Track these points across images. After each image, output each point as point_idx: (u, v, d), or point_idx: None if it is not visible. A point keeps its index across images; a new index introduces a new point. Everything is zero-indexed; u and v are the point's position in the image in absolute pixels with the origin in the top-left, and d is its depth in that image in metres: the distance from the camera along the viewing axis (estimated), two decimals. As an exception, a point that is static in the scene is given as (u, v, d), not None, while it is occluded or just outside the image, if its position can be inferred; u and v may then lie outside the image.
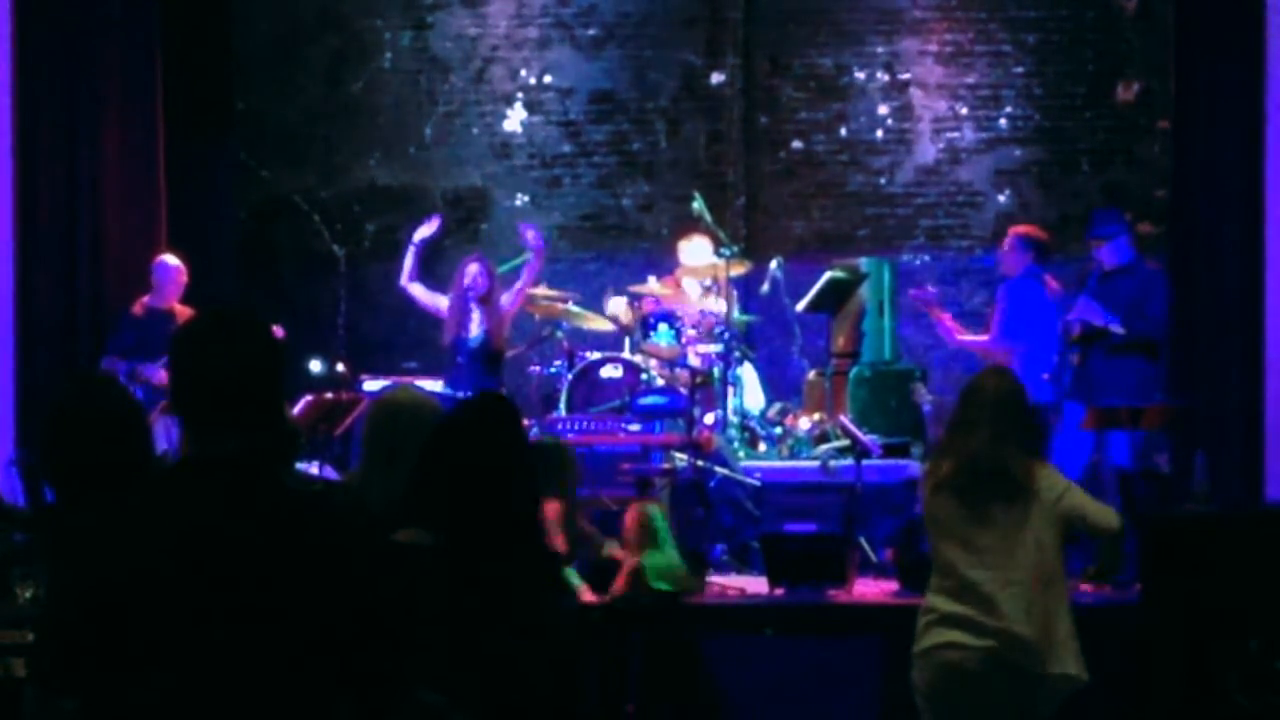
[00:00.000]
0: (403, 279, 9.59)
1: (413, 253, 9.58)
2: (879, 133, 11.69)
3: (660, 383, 9.50)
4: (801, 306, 10.00)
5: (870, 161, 11.70)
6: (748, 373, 9.90)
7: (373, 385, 9.35)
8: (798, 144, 11.76)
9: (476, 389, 8.65)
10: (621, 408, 9.38)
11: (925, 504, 5.16)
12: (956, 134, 11.61)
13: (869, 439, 8.69)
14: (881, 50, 11.66)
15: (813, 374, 10.12)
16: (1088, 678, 4.99)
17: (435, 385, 9.16)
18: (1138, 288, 8.12)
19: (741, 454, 9.16)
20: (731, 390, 9.48)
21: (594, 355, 9.75)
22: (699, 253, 10.11)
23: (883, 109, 11.68)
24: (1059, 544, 4.99)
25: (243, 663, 2.60)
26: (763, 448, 9.43)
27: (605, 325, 10.11)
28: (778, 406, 9.90)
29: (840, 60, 11.71)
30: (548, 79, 11.86)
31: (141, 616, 2.59)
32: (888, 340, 10.04)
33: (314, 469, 7.86)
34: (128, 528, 2.66)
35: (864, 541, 7.91)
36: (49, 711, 2.63)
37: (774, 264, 10.07)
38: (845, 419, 9.01)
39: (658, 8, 11.80)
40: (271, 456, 2.76)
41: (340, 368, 9.68)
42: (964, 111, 11.59)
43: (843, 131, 11.72)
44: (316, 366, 9.80)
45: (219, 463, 2.70)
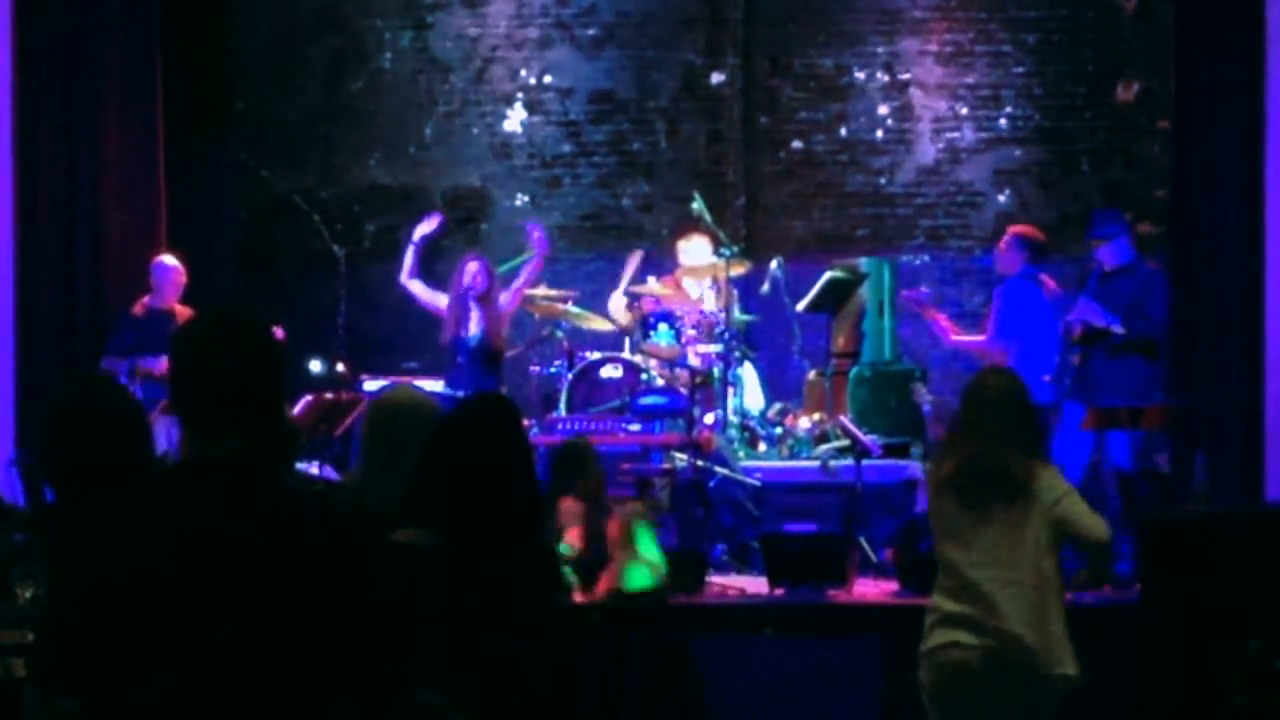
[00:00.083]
0: (403, 276, 9.60)
1: (413, 250, 9.59)
2: (879, 133, 11.69)
3: (660, 383, 9.50)
4: (801, 306, 9.99)
5: (870, 161, 11.69)
6: (748, 373, 9.90)
7: (373, 385, 9.35)
8: (798, 144, 11.76)
9: (476, 388, 8.66)
10: (621, 408, 9.38)
11: (928, 504, 5.19)
12: (956, 134, 11.61)
13: (869, 439, 8.69)
14: (881, 50, 11.66)
15: (813, 374, 10.11)
16: (1083, 678, 4.99)
17: (435, 385, 9.16)
18: (1138, 288, 8.12)
19: (741, 454, 9.16)
20: (731, 390, 9.48)
21: (594, 355, 9.75)
22: (699, 253, 10.11)
23: (883, 109, 11.68)
24: (1054, 545, 5.00)
25: (243, 663, 2.61)
26: (763, 448, 9.43)
27: (605, 325, 10.12)
28: (778, 406, 9.90)
29: (840, 60, 11.70)
30: (548, 79, 11.86)
31: (141, 616, 2.59)
32: (888, 340, 10.04)
33: (314, 469, 7.86)
34: (128, 528, 2.66)
35: (864, 541, 7.90)
36: (49, 711, 2.63)
37: (774, 264, 10.06)
38: (845, 419, 9.01)
39: (658, 8, 11.80)
40: (271, 456, 2.76)
41: (340, 368, 9.69)
42: (964, 111, 11.59)
43: (843, 131, 11.72)
44: (316, 366, 9.81)
45: (219, 463, 2.70)
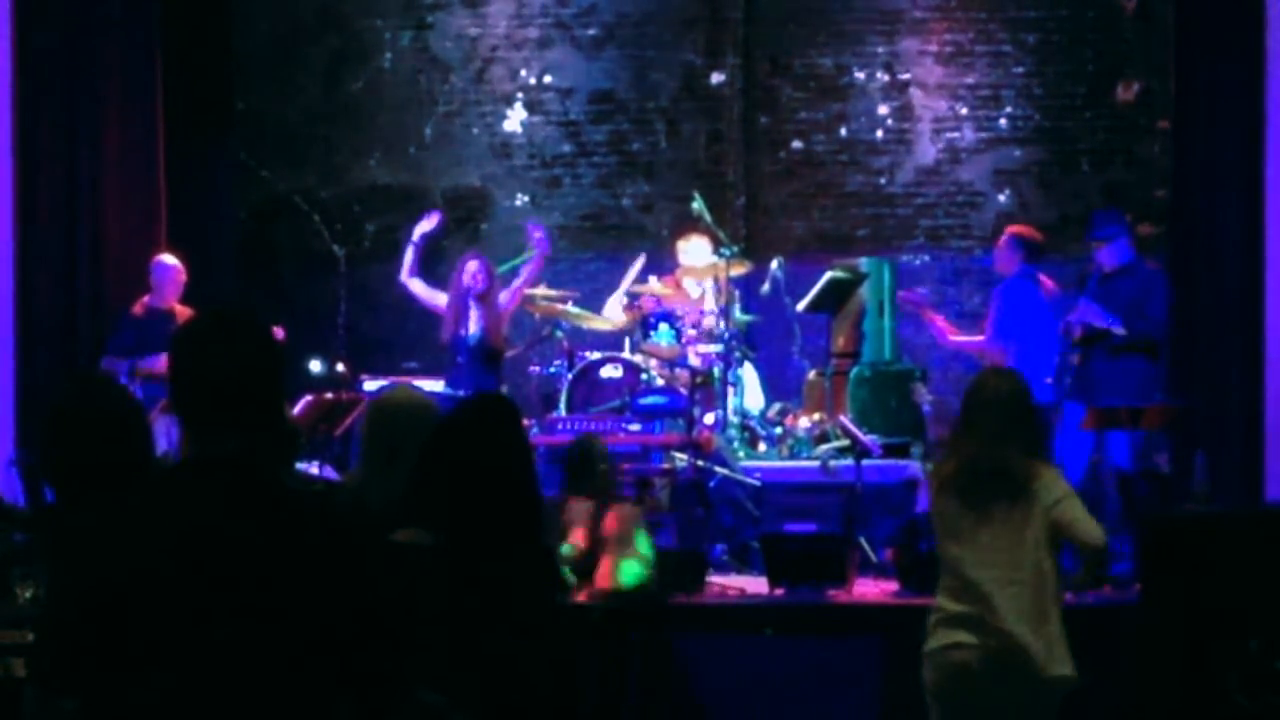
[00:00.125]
0: (403, 274, 9.60)
1: (413, 249, 9.59)
2: (879, 133, 11.69)
3: (660, 383, 9.50)
4: (801, 306, 9.99)
5: (870, 161, 11.69)
6: (748, 373, 9.90)
7: (373, 385, 9.35)
8: (798, 144, 11.75)
9: (476, 388, 8.66)
10: (621, 408, 9.38)
11: (931, 503, 5.20)
12: (956, 134, 11.60)
13: (869, 439, 8.69)
14: (881, 50, 11.66)
15: (813, 374, 10.11)
16: (1079, 678, 5.00)
17: (436, 385, 9.16)
18: (1138, 288, 8.11)
19: (741, 454, 9.16)
20: (731, 390, 9.48)
21: (594, 355, 9.75)
22: (699, 253, 10.11)
23: (883, 109, 11.67)
24: (1053, 545, 5.01)
25: (243, 663, 2.60)
26: (763, 448, 9.43)
27: (605, 325, 10.12)
28: (778, 406, 9.89)
29: (840, 60, 11.70)
30: (548, 79, 11.85)
31: (141, 616, 2.59)
32: (888, 340, 10.04)
33: (314, 469, 7.85)
34: (128, 528, 2.66)
35: (864, 541, 7.91)
36: (49, 711, 2.63)
37: (774, 264, 10.06)
38: (845, 419, 9.00)
39: (658, 8, 11.80)
40: (271, 456, 2.76)
41: (340, 368, 9.68)
42: (964, 111, 11.59)
43: (843, 131, 11.72)
44: (316, 366, 9.80)
45: (219, 463, 2.70)
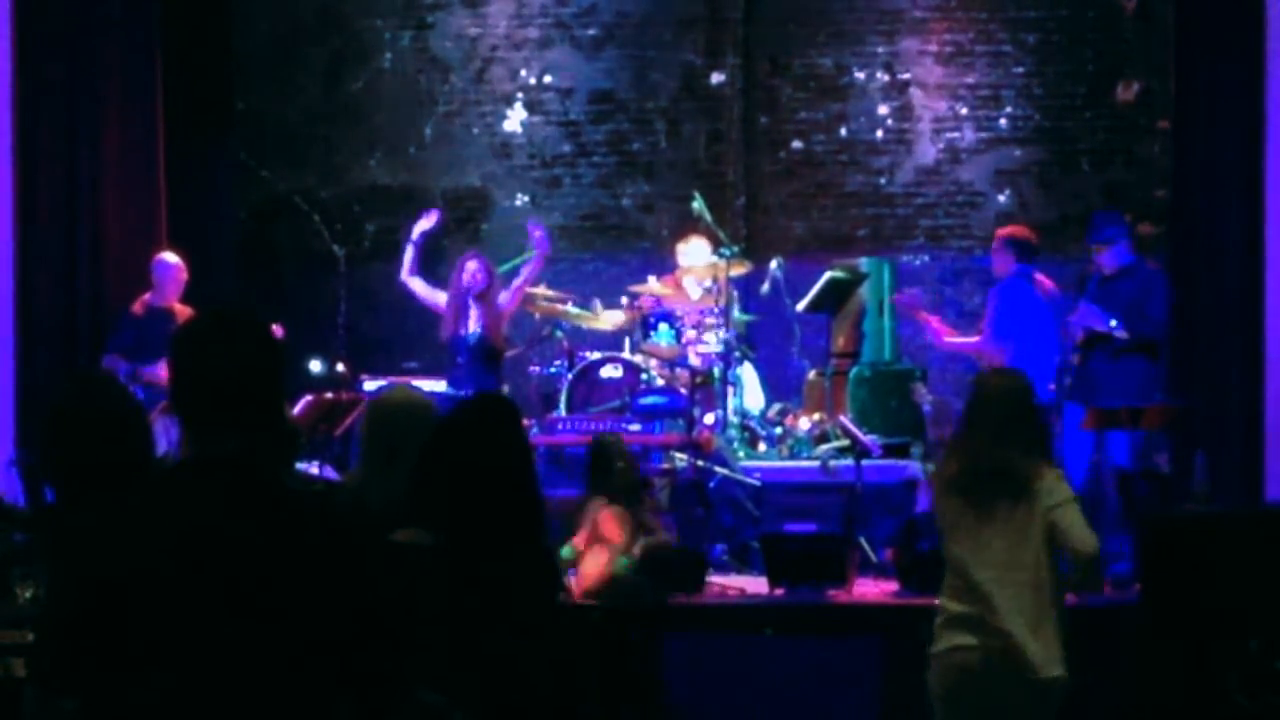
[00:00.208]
0: (403, 273, 9.59)
1: (413, 248, 9.58)
2: (879, 133, 11.68)
3: (660, 383, 9.50)
4: (801, 306, 9.99)
5: (870, 161, 11.69)
6: (748, 373, 9.90)
7: (373, 385, 9.35)
8: (798, 144, 11.75)
9: (477, 388, 8.67)
10: (621, 408, 9.38)
11: (934, 503, 5.21)
12: (956, 134, 11.60)
13: (869, 439, 8.68)
14: (881, 50, 11.66)
15: (813, 374, 10.11)
16: (1070, 680, 5.00)
17: (436, 385, 9.16)
18: (1138, 289, 8.10)
19: (741, 454, 9.16)
20: (731, 390, 9.48)
21: (594, 355, 9.75)
22: (699, 253, 10.12)
23: (883, 109, 11.67)
24: (1052, 547, 5.01)
25: (243, 663, 2.60)
26: (763, 448, 9.43)
27: (605, 325, 10.12)
28: (778, 406, 9.89)
29: (840, 60, 11.70)
30: (548, 79, 11.85)
31: (141, 616, 2.59)
32: (888, 340, 10.04)
33: (314, 469, 7.85)
34: (128, 528, 2.66)
35: (864, 541, 7.91)
36: (49, 711, 2.63)
37: (774, 264, 10.06)
38: (845, 419, 9.00)
39: (658, 8, 11.80)
40: (271, 456, 2.76)
41: (340, 368, 9.68)
42: (964, 111, 11.59)
43: (843, 131, 11.72)
44: (316, 366, 9.80)
45: (219, 463, 2.70)
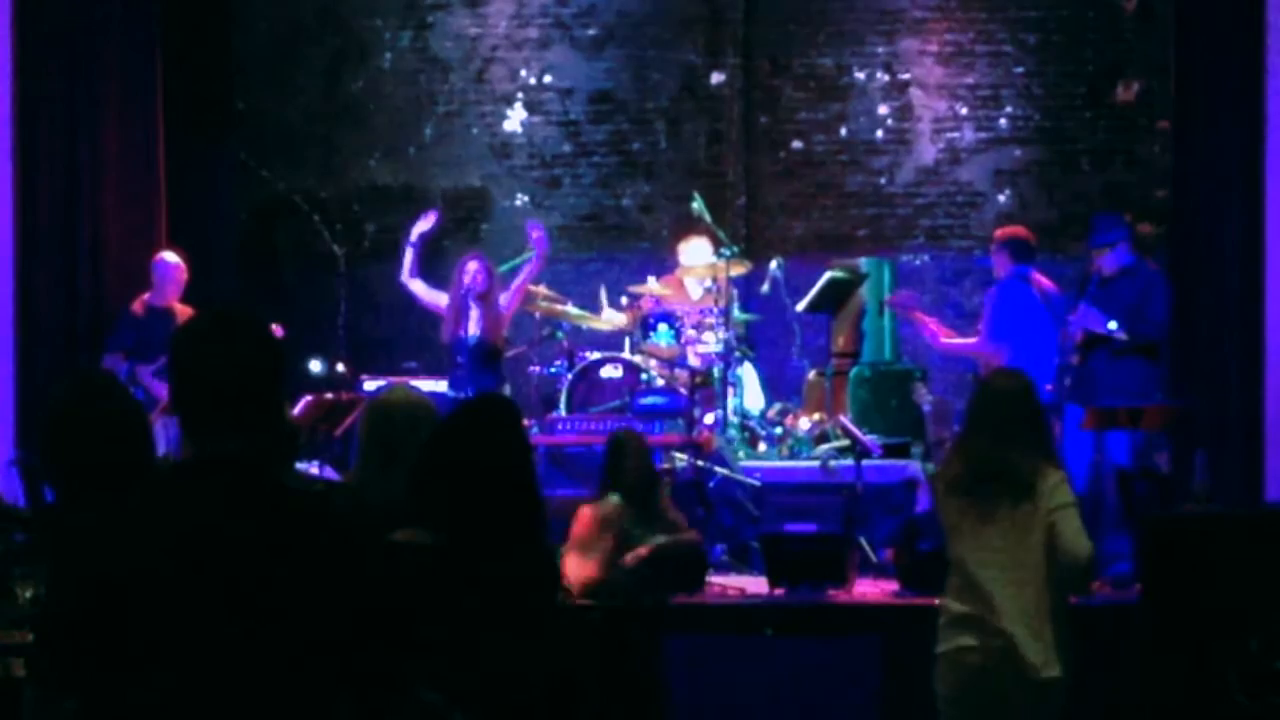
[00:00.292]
0: (403, 275, 9.58)
1: (412, 249, 9.57)
2: (879, 133, 11.68)
3: (660, 383, 9.50)
4: (801, 306, 9.99)
5: (870, 161, 11.69)
6: (748, 373, 9.90)
7: (373, 385, 9.35)
8: (798, 144, 11.75)
9: (478, 388, 8.67)
10: (621, 408, 9.38)
11: (938, 503, 5.22)
12: (956, 134, 11.60)
13: (869, 439, 8.68)
14: (881, 50, 11.66)
15: (813, 374, 10.11)
16: (1068, 681, 5.00)
17: (437, 386, 9.16)
18: (1138, 290, 8.09)
19: (741, 454, 9.16)
20: (731, 390, 9.48)
21: (594, 355, 9.75)
22: (699, 253, 10.12)
23: (883, 109, 11.67)
24: (1051, 548, 5.01)
25: (243, 662, 2.60)
26: (763, 448, 9.43)
27: (605, 325, 10.12)
28: (778, 406, 9.89)
29: (840, 60, 11.70)
30: (548, 79, 11.85)
31: (141, 616, 2.59)
32: (888, 340, 10.04)
33: (314, 469, 7.86)
34: (128, 528, 2.66)
35: (864, 541, 7.91)
36: (49, 711, 2.63)
37: (774, 264, 10.06)
38: (845, 419, 9.00)
39: (658, 8, 11.80)
40: (271, 456, 2.75)
41: (340, 368, 9.68)
42: (964, 111, 11.59)
43: (843, 131, 11.72)
44: (316, 366, 9.80)
45: (219, 463, 2.70)
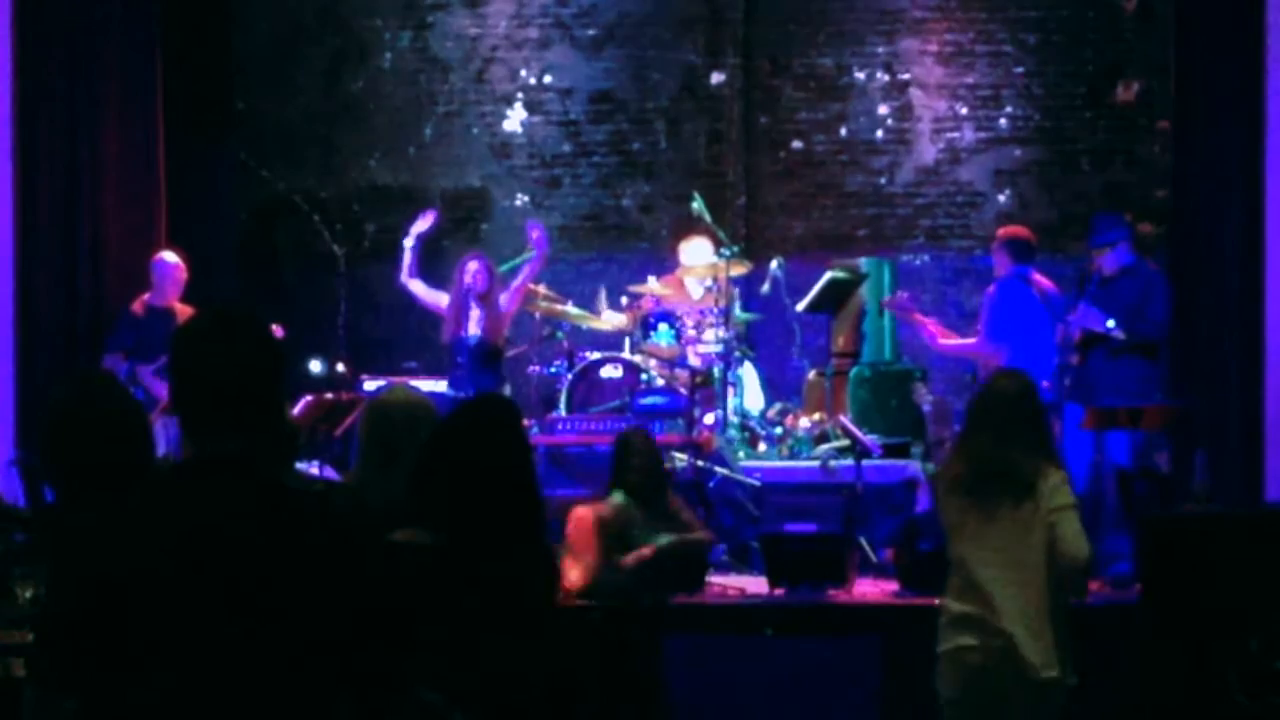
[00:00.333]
0: (402, 276, 9.58)
1: (410, 250, 9.58)
2: (879, 133, 11.68)
3: (660, 383, 9.50)
4: (801, 306, 9.99)
5: (870, 161, 11.69)
6: (748, 373, 9.90)
7: (373, 385, 9.35)
8: (798, 144, 11.75)
9: (478, 388, 8.67)
10: (621, 408, 9.38)
11: (940, 502, 5.23)
12: (956, 134, 11.60)
13: (869, 439, 8.68)
14: (881, 50, 11.66)
15: (813, 374, 10.11)
16: (1075, 681, 5.00)
17: (437, 386, 9.16)
18: (1138, 290, 8.09)
19: (741, 454, 9.16)
20: (731, 390, 9.48)
21: (594, 355, 9.75)
22: (699, 253, 10.12)
23: (883, 109, 11.67)
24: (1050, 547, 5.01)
25: (243, 662, 2.60)
26: (763, 448, 9.42)
27: (605, 325, 10.12)
28: (778, 406, 9.89)
29: (840, 60, 11.70)
30: (548, 79, 11.85)
31: (142, 616, 2.59)
32: (888, 340, 10.04)
33: (314, 469, 7.86)
34: (128, 528, 2.66)
35: (864, 541, 7.90)
36: (49, 711, 2.63)
37: (774, 264, 10.06)
38: (845, 419, 9.00)
39: (658, 8, 11.79)
40: (271, 456, 2.75)
41: (340, 368, 9.68)
42: (964, 111, 11.59)
43: (843, 131, 11.72)
44: (316, 366, 9.80)
45: (219, 463, 2.70)
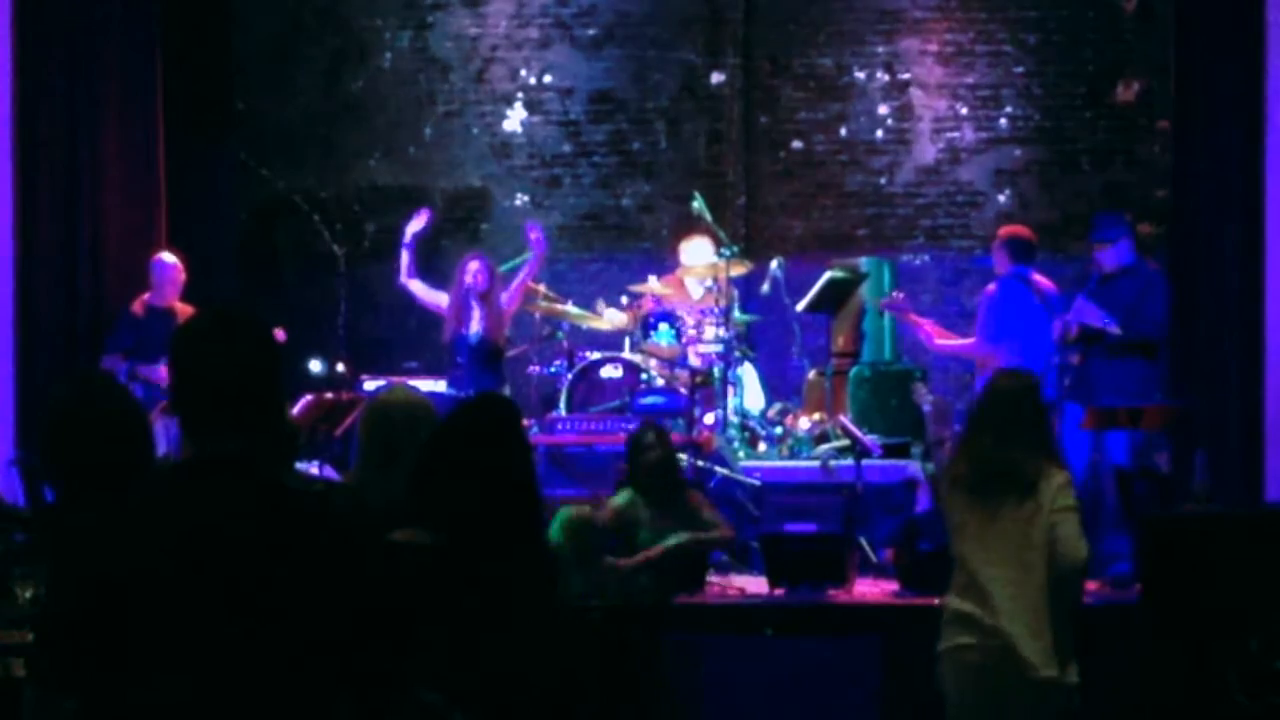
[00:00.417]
0: (402, 276, 9.59)
1: (407, 250, 9.58)
2: (879, 133, 11.69)
3: (660, 382, 9.50)
4: (801, 306, 9.99)
5: (870, 161, 11.69)
6: (748, 373, 9.90)
7: (373, 385, 9.35)
8: (798, 144, 11.76)
9: (478, 388, 8.67)
10: (621, 408, 9.38)
11: (942, 501, 5.24)
12: (956, 134, 11.60)
13: (869, 439, 8.68)
14: (881, 50, 11.66)
15: (813, 374, 10.11)
16: (1076, 680, 5.00)
17: (437, 385, 9.16)
18: (1137, 289, 8.08)
19: (741, 454, 9.16)
20: (731, 390, 9.48)
21: (594, 355, 9.75)
22: (699, 253, 10.12)
23: (883, 109, 11.68)
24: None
25: (243, 662, 2.60)
26: (763, 448, 9.43)
27: (605, 325, 10.12)
28: (778, 406, 9.90)
29: (840, 60, 11.70)
30: (548, 79, 11.85)
31: (141, 616, 2.59)
32: (888, 340, 10.04)
33: (314, 469, 7.86)
34: (128, 527, 2.66)
35: (864, 541, 7.90)
36: (49, 711, 2.63)
37: (774, 264, 10.06)
38: (845, 419, 9.00)
39: (658, 8, 11.80)
40: (271, 456, 2.75)
41: (340, 368, 9.68)
42: (964, 111, 11.59)
43: (843, 131, 11.72)
44: (316, 366, 9.80)
45: (219, 463, 2.70)
